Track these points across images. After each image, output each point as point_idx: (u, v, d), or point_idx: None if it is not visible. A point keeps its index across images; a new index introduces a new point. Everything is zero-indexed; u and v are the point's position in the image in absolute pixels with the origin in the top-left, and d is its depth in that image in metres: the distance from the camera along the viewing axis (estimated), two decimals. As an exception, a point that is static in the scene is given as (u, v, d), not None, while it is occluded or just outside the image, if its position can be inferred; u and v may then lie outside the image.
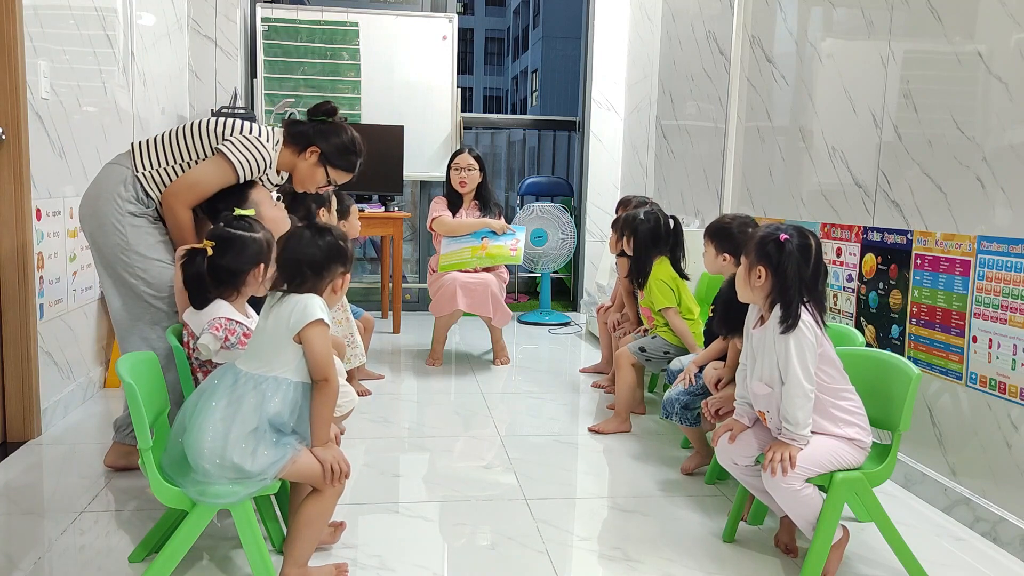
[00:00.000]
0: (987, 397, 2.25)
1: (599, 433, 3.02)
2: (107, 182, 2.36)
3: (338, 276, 1.81)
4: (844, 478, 1.86)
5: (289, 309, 1.72)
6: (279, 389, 1.71)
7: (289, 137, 2.50)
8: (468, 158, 4.10)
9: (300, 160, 2.50)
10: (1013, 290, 2.16)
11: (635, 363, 3.06)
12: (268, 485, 1.71)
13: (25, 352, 2.74)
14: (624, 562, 2.03)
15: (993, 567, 2.06)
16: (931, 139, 2.50)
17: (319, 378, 1.73)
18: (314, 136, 2.50)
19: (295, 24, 5.07)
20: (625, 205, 3.87)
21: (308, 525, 1.78)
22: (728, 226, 2.51)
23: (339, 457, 1.76)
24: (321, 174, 2.54)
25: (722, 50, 4.00)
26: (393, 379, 3.76)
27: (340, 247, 1.80)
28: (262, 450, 1.68)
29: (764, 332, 1.92)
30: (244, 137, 2.36)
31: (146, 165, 2.37)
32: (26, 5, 2.66)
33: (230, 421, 1.68)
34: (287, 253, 1.78)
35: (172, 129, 2.43)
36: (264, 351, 1.74)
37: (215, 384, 1.75)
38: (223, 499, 1.68)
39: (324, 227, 1.83)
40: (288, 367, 1.73)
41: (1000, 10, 2.24)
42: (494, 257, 4.04)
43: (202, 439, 1.67)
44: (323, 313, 1.73)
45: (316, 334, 1.71)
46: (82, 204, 2.41)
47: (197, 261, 2.03)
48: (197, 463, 1.67)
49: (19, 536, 2.07)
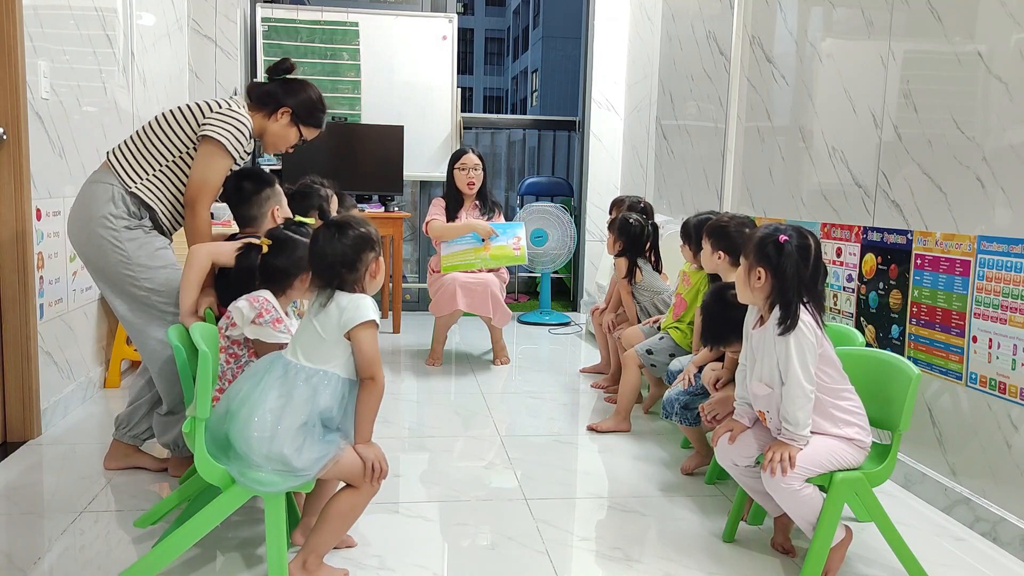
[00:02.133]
0: (987, 397, 2.25)
1: (597, 432, 3.02)
2: (94, 204, 2.31)
3: (372, 262, 1.82)
4: (844, 478, 1.86)
5: (340, 308, 1.74)
6: (329, 384, 1.74)
7: (255, 101, 2.46)
8: (474, 158, 4.10)
9: (271, 123, 2.46)
10: (1013, 290, 2.16)
11: (642, 364, 3.06)
12: (307, 482, 1.73)
13: (25, 352, 2.74)
14: (624, 562, 2.03)
15: (993, 567, 2.06)
16: (931, 139, 2.50)
17: (366, 376, 1.76)
18: (283, 96, 2.45)
19: (295, 24, 5.07)
20: (618, 206, 3.87)
21: (339, 518, 1.80)
22: (726, 225, 2.51)
23: (381, 456, 1.78)
24: (294, 133, 2.50)
25: (722, 50, 4.00)
26: (393, 379, 3.76)
27: (363, 235, 1.81)
28: (309, 445, 1.70)
29: (764, 332, 1.92)
30: (220, 114, 2.33)
31: (137, 178, 2.34)
32: (26, 5, 2.66)
33: (280, 411, 1.69)
34: (316, 257, 1.80)
35: (141, 133, 2.38)
36: (314, 345, 1.76)
37: (264, 372, 1.76)
38: (264, 487, 1.70)
39: (342, 221, 1.84)
40: (337, 363, 1.75)
41: (1000, 10, 2.24)
42: (498, 259, 4.03)
43: (251, 427, 1.68)
44: (375, 314, 1.76)
45: (366, 334, 1.74)
46: (73, 230, 2.36)
47: (252, 256, 2.06)
48: (247, 449, 1.68)
49: (19, 536, 2.07)
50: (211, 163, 2.31)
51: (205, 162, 2.31)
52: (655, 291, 3.44)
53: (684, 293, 2.99)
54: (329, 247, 1.78)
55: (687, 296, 2.97)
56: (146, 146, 2.36)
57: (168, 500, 2.02)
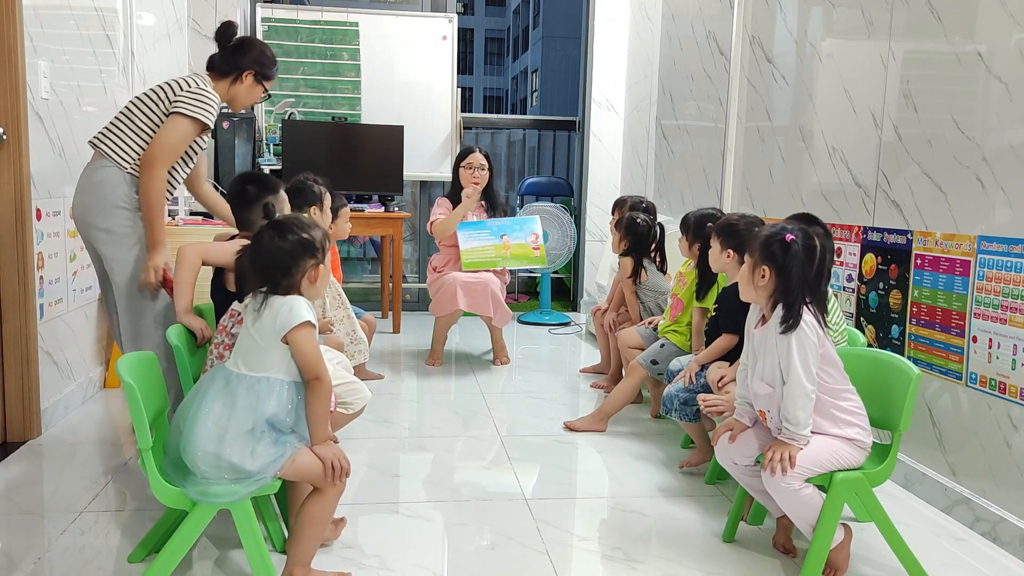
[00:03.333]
0: (987, 397, 2.25)
1: (574, 431, 3.01)
2: (107, 186, 2.50)
3: (310, 268, 1.78)
4: (844, 478, 1.86)
5: (274, 311, 1.71)
6: (273, 390, 1.71)
7: (218, 72, 2.64)
8: (480, 157, 4.07)
9: (236, 86, 2.67)
10: (1013, 290, 2.16)
11: (648, 377, 3.04)
12: (268, 484, 1.71)
13: (25, 352, 2.74)
14: (624, 562, 2.03)
15: (993, 567, 2.06)
16: (931, 139, 2.50)
17: (310, 377, 1.73)
18: (242, 60, 2.64)
19: (295, 24, 5.07)
20: (620, 206, 3.87)
21: (311, 525, 1.78)
22: (735, 224, 2.50)
23: (339, 455, 1.76)
24: (259, 90, 2.73)
25: (722, 50, 4.00)
26: (393, 379, 3.76)
27: (303, 240, 1.76)
28: (261, 449, 1.68)
29: (765, 332, 1.92)
30: (189, 92, 2.51)
31: (130, 160, 2.52)
32: (26, 5, 2.66)
33: (226, 422, 1.68)
34: (253, 256, 1.77)
35: (123, 117, 2.55)
36: (252, 353, 1.73)
37: (207, 386, 1.74)
38: (223, 498, 1.68)
39: (285, 223, 1.79)
40: (279, 368, 1.73)
41: (1000, 10, 2.24)
42: (519, 258, 4.05)
43: (196, 441, 1.67)
44: (309, 314, 1.72)
45: (303, 336, 1.71)
46: (90, 215, 2.51)
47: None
48: (194, 464, 1.67)
49: (19, 536, 2.07)
50: (175, 130, 2.49)
51: (169, 128, 2.49)
52: (659, 291, 3.44)
53: (680, 294, 2.98)
54: (267, 248, 1.75)
55: (683, 296, 2.96)
56: (131, 128, 2.54)
57: (152, 533, 1.99)
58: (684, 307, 2.96)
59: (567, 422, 3.07)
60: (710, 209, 2.95)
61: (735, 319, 2.28)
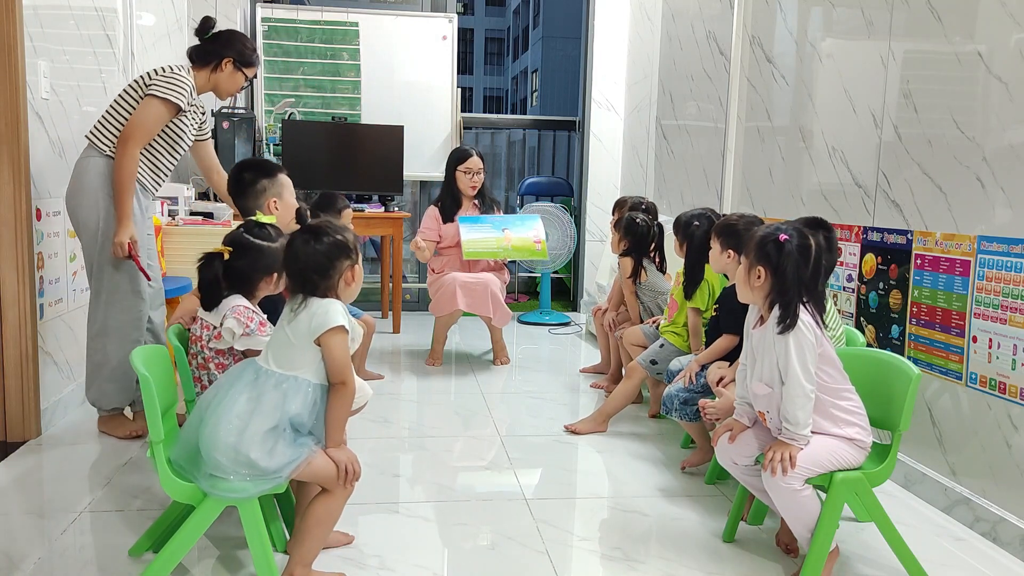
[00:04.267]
0: (987, 397, 2.25)
1: (576, 433, 3.01)
2: (103, 176, 2.65)
3: (347, 270, 1.81)
4: (844, 478, 1.86)
5: (311, 314, 1.74)
6: (300, 390, 1.73)
7: (198, 61, 2.78)
8: (479, 161, 4.13)
9: (217, 74, 2.79)
10: (1013, 290, 2.16)
11: (648, 377, 3.04)
12: (279, 484, 1.72)
13: (25, 352, 2.74)
14: (624, 562, 2.03)
15: (993, 567, 2.06)
16: (931, 139, 2.50)
17: (336, 381, 1.75)
18: (221, 49, 2.77)
19: (295, 24, 5.07)
20: (621, 206, 3.87)
21: (318, 525, 1.79)
22: (735, 224, 2.50)
23: (353, 459, 1.78)
24: (240, 77, 2.84)
25: (722, 50, 4.00)
26: (393, 379, 3.76)
27: (339, 242, 1.79)
28: (280, 448, 1.69)
29: (764, 332, 1.92)
30: (163, 76, 2.64)
31: (110, 146, 2.65)
32: (26, 5, 2.66)
33: (248, 416, 1.69)
34: (289, 263, 1.79)
35: (111, 109, 2.68)
36: (285, 352, 1.75)
37: (235, 378, 1.76)
38: (234, 494, 1.69)
39: (319, 227, 1.82)
40: (308, 369, 1.75)
41: (1000, 10, 2.24)
42: (520, 251, 4.08)
43: (218, 431, 1.67)
44: (344, 319, 1.75)
45: (336, 340, 1.73)
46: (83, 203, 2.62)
47: (215, 265, 2.05)
48: (210, 455, 1.67)
49: (19, 536, 2.07)
50: (146, 110, 2.62)
51: (142, 109, 2.62)
52: (659, 291, 3.43)
53: (676, 295, 2.99)
54: (303, 253, 1.77)
55: (679, 297, 2.97)
56: (114, 117, 2.67)
57: (156, 525, 1.99)
58: (679, 307, 2.96)
59: (568, 425, 3.07)
60: (700, 209, 2.96)
61: (736, 319, 2.28)
